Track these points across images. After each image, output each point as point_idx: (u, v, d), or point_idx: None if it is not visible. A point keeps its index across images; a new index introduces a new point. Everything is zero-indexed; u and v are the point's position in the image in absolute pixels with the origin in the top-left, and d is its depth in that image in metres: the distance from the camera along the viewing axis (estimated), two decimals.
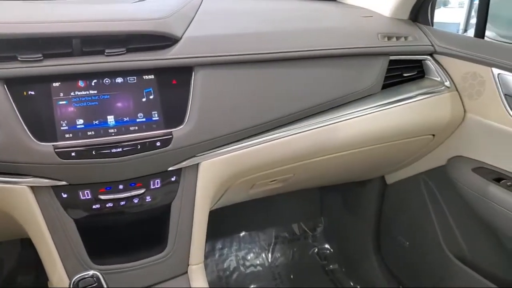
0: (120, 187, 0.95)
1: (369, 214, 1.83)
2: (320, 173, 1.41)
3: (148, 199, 0.99)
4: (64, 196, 0.92)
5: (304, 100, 1.09)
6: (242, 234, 2.07)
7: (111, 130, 0.91)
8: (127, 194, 0.96)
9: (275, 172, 1.19)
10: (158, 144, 0.93)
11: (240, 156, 1.05)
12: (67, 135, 0.88)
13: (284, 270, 2.01)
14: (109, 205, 0.96)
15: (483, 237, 1.37)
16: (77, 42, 0.88)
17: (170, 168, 0.98)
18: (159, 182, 0.99)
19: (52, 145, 0.87)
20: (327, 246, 2.10)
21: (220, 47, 1.01)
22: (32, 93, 0.87)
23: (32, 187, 0.90)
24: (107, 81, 0.92)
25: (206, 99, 0.98)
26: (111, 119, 0.91)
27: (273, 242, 2.08)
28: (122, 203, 0.97)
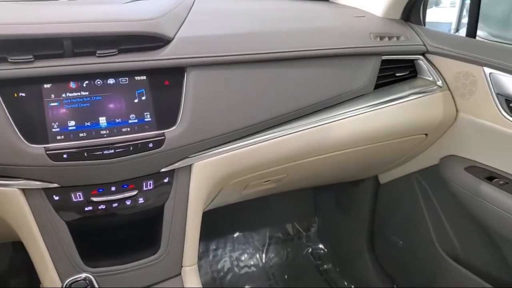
0: (113, 189, 0.95)
1: (362, 213, 1.83)
2: (314, 173, 1.41)
3: (141, 200, 0.98)
4: (56, 198, 0.92)
5: (297, 100, 1.09)
6: (236, 235, 2.06)
7: (103, 132, 0.90)
8: (120, 196, 0.95)
9: (268, 172, 1.19)
10: (151, 145, 0.93)
11: (234, 156, 1.05)
12: (58, 137, 0.87)
13: (278, 271, 2.01)
14: (101, 207, 0.95)
15: (476, 235, 1.38)
16: (68, 43, 0.88)
17: (162, 170, 0.98)
18: (151, 184, 0.98)
19: (44, 147, 0.86)
20: (321, 246, 2.11)
21: (212, 48, 1.01)
22: (23, 94, 0.86)
23: (23, 190, 0.90)
24: (98, 82, 0.91)
25: (199, 100, 0.97)
26: (103, 121, 0.91)
27: (267, 242, 2.08)
28: (114, 205, 0.96)
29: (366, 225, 1.83)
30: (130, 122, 0.92)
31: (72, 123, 0.88)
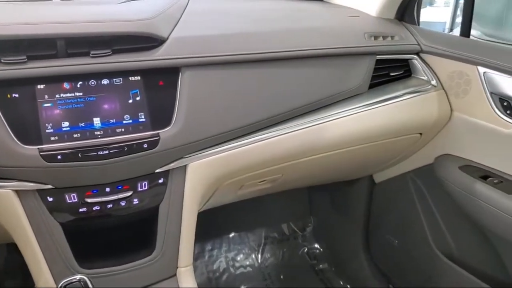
0: (107, 190, 0.94)
1: (358, 213, 1.84)
2: (309, 173, 1.41)
3: (136, 201, 0.98)
4: (50, 199, 0.91)
5: (291, 100, 1.09)
6: (232, 235, 2.06)
7: (98, 132, 0.90)
8: (114, 197, 0.95)
9: (263, 172, 1.19)
10: (145, 146, 0.92)
11: (229, 157, 1.05)
12: (52, 138, 0.87)
13: (274, 270, 2.01)
14: (96, 208, 0.95)
15: (471, 234, 1.38)
16: (61, 44, 0.87)
17: (157, 170, 0.97)
18: (146, 184, 0.98)
19: (37, 148, 0.85)
20: (316, 246, 2.11)
21: (207, 48, 1.01)
22: (16, 95, 0.85)
23: (17, 191, 0.89)
24: (92, 82, 0.91)
25: (193, 100, 0.97)
26: (97, 121, 0.90)
27: (262, 242, 2.08)
28: (109, 206, 0.96)
29: (361, 224, 1.84)
30: (124, 122, 0.92)
31: (66, 124, 0.88)
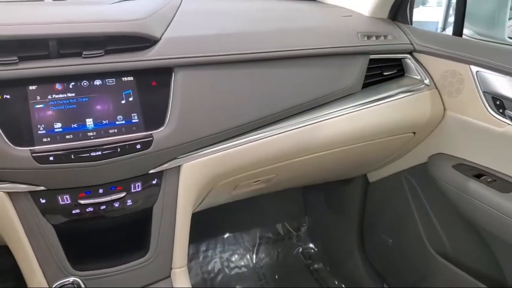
0: (100, 191, 0.94)
1: (352, 212, 1.84)
2: (303, 172, 1.41)
3: (129, 202, 0.97)
4: (43, 201, 0.91)
5: (285, 100, 1.09)
6: (226, 235, 2.06)
7: (90, 133, 0.89)
8: (108, 198, 0.94)
9: (258, 172, 1.18)
10: (138, 146, 0.92)
11: (223, 157, 1.04)
12: (44, 139, 0.86)
13: (269, 271, 2.01)
14: (89, 209, 0.94)
15: (465, 233, 1.39)
16: (53, 44, 0.86)
17: (151, 171, 0.97)
18: (140, 185, 0.97)
19: (29, 149, 0.85)
20: (311, 246, 2.11)
21: (200, 48, 1.00)
22: (8, 96, 0.85)
23: (9, 193, 0.88)
24: (85, 83, 0.90)
25: (187, 100, 0.97)
26: (90, 122, 0.89)
27: (257, 242, 2.07)
28: (102, 208, 0.95)
29: (356, 224, 1.84)
30: (117, 123, 0.91)
31: (59, 125, 0.87)
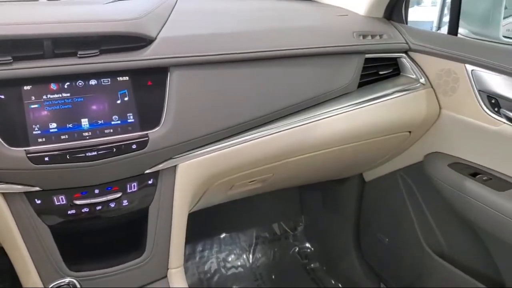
0: (96, 191, 0.93)
1: (348, 211, 1.84)
2: (299, 172, 1.41)
3: (125, 203, 0.97)
4: (38, 202, 0.90)
5: (281, 99, 1.09)
6: (223, 235, 2.06)
7: (86, 134, 0.89)
8: (103, 199, 0.94)
9: (254, 172, 1.18)
10: (134, 146, 0.91)
11: (218, 157, 1.04)
12: (39, 140, 0.86)
13: (266, 271, 2.01)
14: (84, 210, 0.94)
15: (461, 231, 1.39)
16: (48, 44, 0.86)
17: (147, 171, 0.97)
18: (136, 186, 0.97)
19: (24, 150, 0.84)
20: (307, 245, 2.11)
21: (195, 47, 1.00)
22: (2, 97, 0.84)
23: (3, 194, 0.88)
24: (80, 83, 0.90)
25: (182, 100, 0.97)
26: (85, 122, 0.89)
27: (253, 242, 2.07)
28: (98, 208, 0.95)
29: (352, 223, 1.84)
30: (113, 123, 0.91)
31: (54, 125, 0.87)
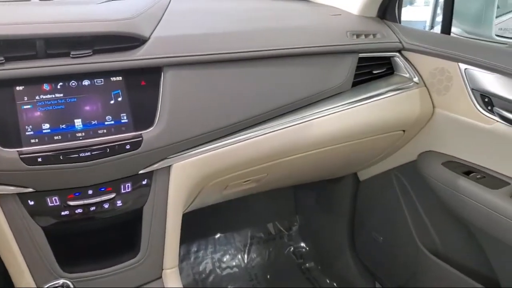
0: (90, 192, 0.93)
1: (343, 211, 1.84)
2: (293, 171, 1.41)
3: (119, 203, 0.97)
4: (31, 203, 0.90)
5: (275, 99, 1.09)
6: (218, 236, 2.05)
7: (79, 134, 0.88)
8: (97, 199, 0.94)
9: (248, 172, 1.18)
10: (128, 147, 0.91)
11: (213, 157, 1.04)
12: (32, 140, 0.85)
13: (261, 270, 2.01)
14: (78, 211, 0.93)
15: (455, 230, 1.40)
16: (41, 44, 0.86)
17: (141, 171, 0.96)
18: (130, 186, 0.97)
19: (17, 151, 0.84)
20: (302, 245, 2.11)
21: (189, 47, 1.00)
22: None
23: None
24: (73, 83, 0.89)
25: (176, 100, 0.96)
26: (78, 123, 0.89)
27: (248, 242, 2.07)
28: (92, 209, 0.94)
29: (347, 222, 1.84)
30: (106, 123, 0.91)
31: (47, 126, 0.86)
